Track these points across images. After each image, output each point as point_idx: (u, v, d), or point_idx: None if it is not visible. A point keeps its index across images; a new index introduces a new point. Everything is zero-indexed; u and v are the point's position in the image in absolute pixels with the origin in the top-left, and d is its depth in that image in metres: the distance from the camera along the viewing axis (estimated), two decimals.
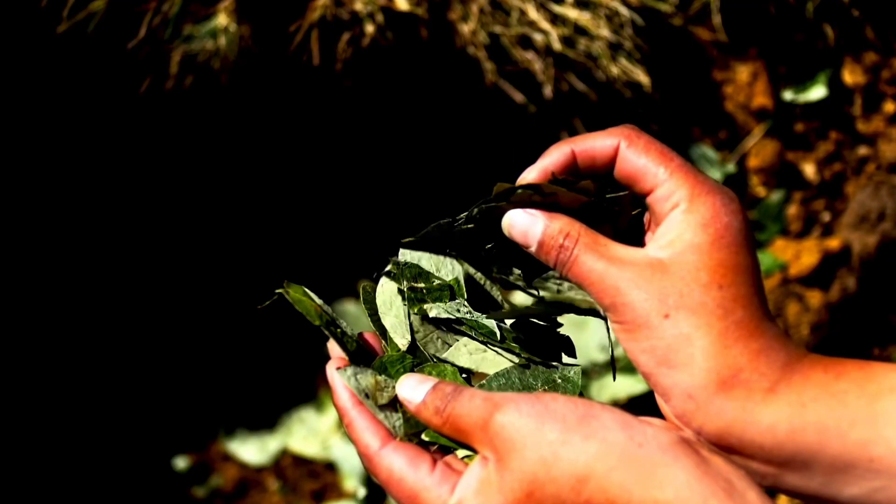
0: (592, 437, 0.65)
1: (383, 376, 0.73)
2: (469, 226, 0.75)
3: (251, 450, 1.84)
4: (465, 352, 0.76)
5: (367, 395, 0.72)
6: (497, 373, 0.75)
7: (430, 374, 0.74)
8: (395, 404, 0.72)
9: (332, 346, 0.75)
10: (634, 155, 0.72)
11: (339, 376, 0.72)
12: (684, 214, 0.70)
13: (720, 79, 1.63)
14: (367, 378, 0.72)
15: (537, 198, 0.73)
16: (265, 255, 1.85)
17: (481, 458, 0.68)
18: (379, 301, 0.77)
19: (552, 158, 0.73)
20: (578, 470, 0.65)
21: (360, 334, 0.77)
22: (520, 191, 0.73)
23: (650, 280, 0.69)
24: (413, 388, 0.71)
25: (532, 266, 0.76)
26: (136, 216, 1.82)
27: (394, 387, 0.72)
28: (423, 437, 0.71)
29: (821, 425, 0.68)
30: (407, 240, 0.77)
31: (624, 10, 1.51)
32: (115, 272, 1.83)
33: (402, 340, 0.76)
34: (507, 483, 0.66)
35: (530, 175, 0.74)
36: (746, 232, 0.71)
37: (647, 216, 0.75)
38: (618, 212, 0.74)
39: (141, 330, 1.85)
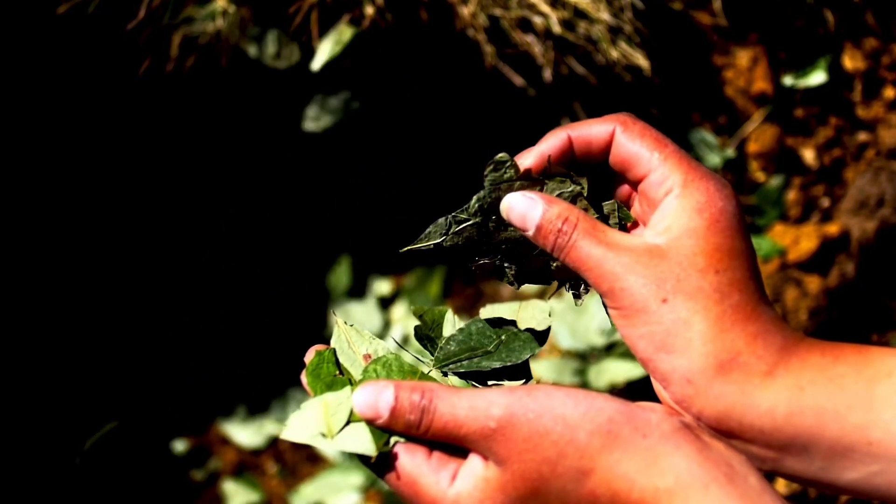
0: (597, 432, 0.65)
1: (331, 392, 0.70)
2: (470, 222, 0.75)
3: (248, 433, 1.84)
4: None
5: (322, 435, 0.69)
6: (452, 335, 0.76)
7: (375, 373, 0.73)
8: (351, 416, 0.69)
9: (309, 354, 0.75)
10: (629, 140, 0.72)
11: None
12: (679, 199, 0.70)
13: (720, 63, 1.63)
14: (315, 414, 0.70)
15: (534, 187, 0.73)
16: (263, 240, 1.85)
17: (480, 456, 0.68)
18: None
19: (549, 143, 0.73)
20: (583, 465, 0.65)
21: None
22: (517, 183, 0.73)
23: (648, 265, 0.69)
24: (372, 404, 0.69)
25: (523, 258, 0.76)
26: (134, 200, 1.82)
27: (348, 398, 0.70)
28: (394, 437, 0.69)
29: (819, 408, 0.68)
30: (405, 248, 0.76)
31: None
32: (112, 258, 1.83)
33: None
34: (510, 482, 0.66)
35: (527, 160, 0.73)
36: (741, 216, 0.71)
37: (634, 203, 0.75)
38: (606, 216, 0.74)
39: (138, 315, 1.85)
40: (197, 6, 1.45)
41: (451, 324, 0.79)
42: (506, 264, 0.76)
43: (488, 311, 0.79)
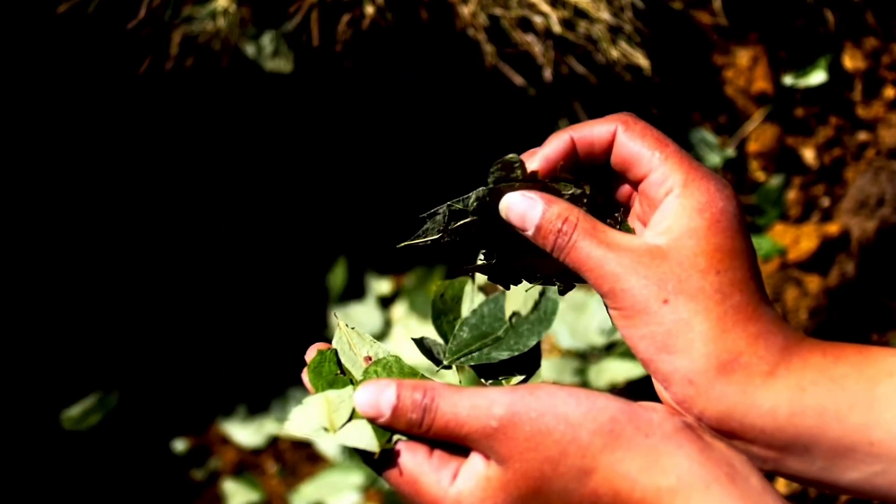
0: (599, 431, 0.65)
1: (333, 390, 0.70)
2: (468, 219, 0.74)
3: (248, 433, 1.84)
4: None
5: (325, 430, 0.69)
6: (466, 318, 0.77)
7: (376, 373, 0.72)
8: (353, 415, 0.69)
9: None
10: (630, 140, 0.72)
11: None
12: (679, 199, 0.70)
13: (720, 63, 1.63)
14: (318, 409, 0.69)
15: (535, 187, 0.73)
16: (262, 241, 1.85)
17: (482, 455, 0.68)
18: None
19: (552, 146, 0.73)
20: (585, 464, 0.65)
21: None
22: (518, 183, 0.73)
23: (649, 266, 0.69)
24: (373, 402, 0.68)
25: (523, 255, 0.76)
26: (134, 200, 1.82)
27: (350, 396, 0.69)
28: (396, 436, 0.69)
29: (820, 409, 0.68)
30: (403, 244, 0.76)
31: None
32: (113, 258, 1.83)
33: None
34: (512, 481, 0.66)
35: (533, 163, 0.73)
36: (741, 217, 0.71)
37: (634, 204, 0.75)
38: (611, 224, 0.74)
39: (139, 316, 1.85)
40: (197, 5, 1.45)
41: (470, 297, 0.79)
42: (501, 265, 0.76)
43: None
